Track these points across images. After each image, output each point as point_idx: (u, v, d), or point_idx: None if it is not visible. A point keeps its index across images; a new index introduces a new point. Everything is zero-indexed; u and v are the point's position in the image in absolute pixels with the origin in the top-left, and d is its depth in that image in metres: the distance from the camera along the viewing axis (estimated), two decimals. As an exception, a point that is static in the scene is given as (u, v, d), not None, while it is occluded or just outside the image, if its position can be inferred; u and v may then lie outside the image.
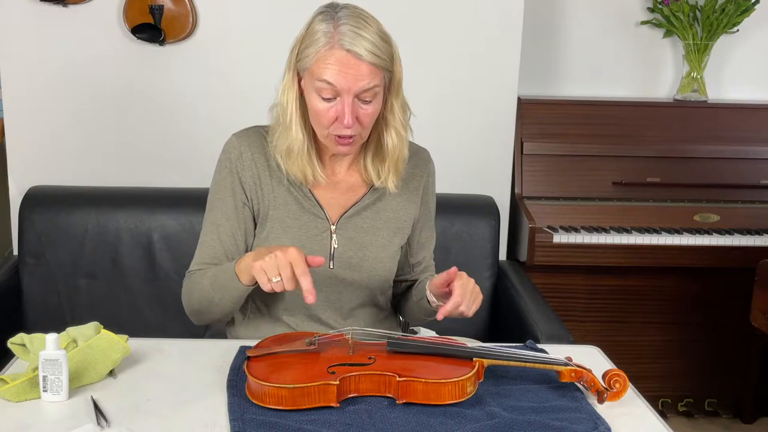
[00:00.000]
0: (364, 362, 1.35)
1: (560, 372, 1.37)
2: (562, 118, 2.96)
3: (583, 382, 1.37)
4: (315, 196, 1.63)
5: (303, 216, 1.62)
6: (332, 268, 1.63)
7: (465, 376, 1.30)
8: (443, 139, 2.68)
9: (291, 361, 1.36)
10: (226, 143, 1.66)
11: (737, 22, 3.08)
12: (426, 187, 1.74)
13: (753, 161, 2.96)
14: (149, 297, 2.49)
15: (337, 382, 1.27)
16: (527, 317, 2.25)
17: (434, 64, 2.67)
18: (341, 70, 1.46)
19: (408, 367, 1.33)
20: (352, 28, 1.46)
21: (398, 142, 1.59)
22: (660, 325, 2.95)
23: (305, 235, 1.62)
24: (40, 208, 2.49)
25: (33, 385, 1.33)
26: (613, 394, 1.36)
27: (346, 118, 1.48)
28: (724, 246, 2.78)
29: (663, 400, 3.00)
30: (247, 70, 2.63)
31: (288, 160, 1.59)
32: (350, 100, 1.48)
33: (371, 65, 1.47)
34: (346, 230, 1.64)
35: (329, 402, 1.27)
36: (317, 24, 1.49)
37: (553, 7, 3.17)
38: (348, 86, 1.46)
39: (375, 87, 1.49)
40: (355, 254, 1.64)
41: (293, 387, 1.26)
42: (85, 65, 2.61)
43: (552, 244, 2.74)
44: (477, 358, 1.36)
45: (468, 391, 1.31)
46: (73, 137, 2.65)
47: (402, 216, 1.70)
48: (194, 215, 2.42)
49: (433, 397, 1.29)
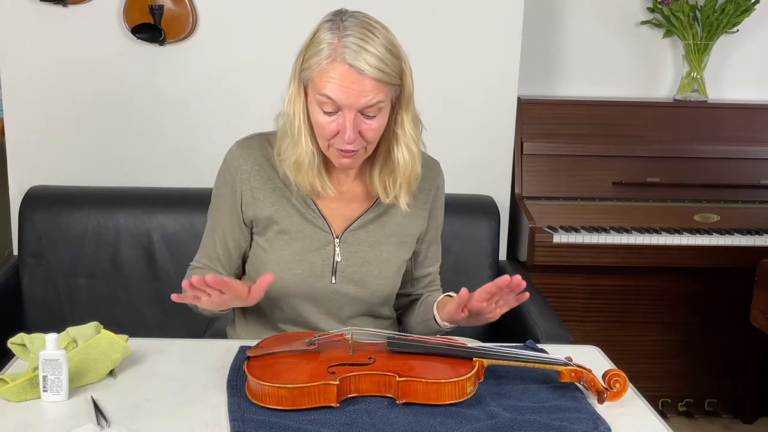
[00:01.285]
0: (364, 362, 1.34)
1: (560, 372, 1.37)
2: (562, 118, 2.96)
3: (583, 382, 1.37)
4: (319, 207, 1.59)
5: (306, 228, 1.59)
6: (334, 283, 1.60)
7: (465, 376, 1.30)
8: (443, 139, 2.65)
9: (291, 361, 1.36)
10: (227, 152, 1.63)
11: (737, 22, 3.08)
12: (435, 200, 1.68)
13: (753, 161, 2.96)
14: (149, 297, 2.49)
15: (337, 382, 1.27)
16: (527, 317, 2.25)
17: (434, 64, 2.67)
18: (342, 85, 1.39)
19: (408, 367, 1.33)
20: (357, 41, 1.39)
21: (410, 159, 1.52)
22: (660, 325, 2.95)
23: (308, 248, 1.58)
24: (40, 208, 2.49)
25: (33, 385, 1.33)
26: (613, 394, 1.36)
27: (347, 133, 1.42)
28: (724, 246, 2.78)
29: (663, 400, 3.00)
30: (246, 70, 2.63)
31: (298, 174, 1.53)
32: (352, 116, 1.42)
33: (375, 81, 1.40)
34: (350, 244, 1.60)
35: (329, 402, 1.27)
36: (323, 33, 1.43)
37: (553, 8, 3.17)
38: (349, 102, 1.40)
39: (379, 103, 1.42)
40: (358, 269, 1.60)
41: (293, 387, 1.26)
42: (85, 65, 2.61)
43: (552, 244, 2.74)
44: (477, 358, 1.36)
45: (468, 391, 1.31)
46: (73, 137, 2.65)
47: (408, 230, 1.65)
48: (194, 215, 2.42)
49: (434, 397, 1.29)
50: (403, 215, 1.63)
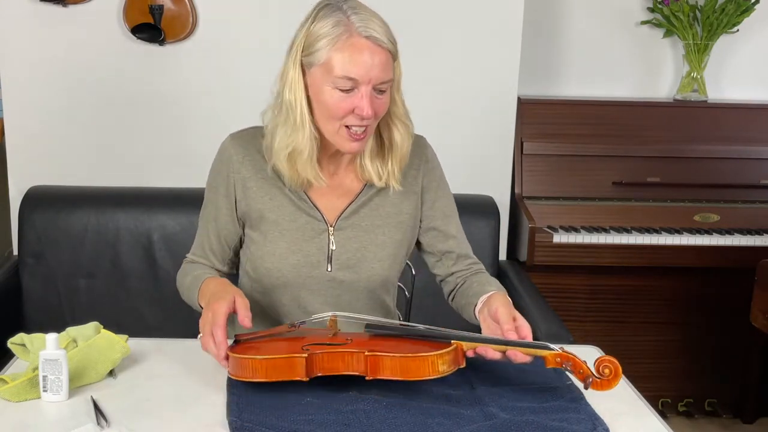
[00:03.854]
0: (342, 342, 1.36)
1: (545, 357, 1.30)
2: (562, 118, 2.96)
3: (569, 367, 1.28)
4: (310, 198, 1.60)
5: (300, 218, 1.60)
6: (330, 271, 1.60)
7: (436, 352, 1.28)
8: (443, 139, 2.65)
9: (272, 342, 1.41)
10: (221, 144, 1.65)
11: (737, 22, 3.08)
12: (427, 173, 1.68)
13: (753, 161, 2.96)
14: (149, 297, 2.49)
15: (305, 355, 1.29)
16: (527, 317, 2.23)
17: (434, 64, 2.67)
18: (363, 58, 1.42)
19: (381, 345, 1.33)
20: (366, 17, 1.44)
21: (406, 135, 1.57)
22: (660, 325, 2.95)
23: (302, 238, 1.59)
24: (40, 208, 2.49)
25: (33, 385, 1.33)
26: (600, 382, 1.26)
27: (365, 109, 1.44)
28: (724, 246, 2.78)
29: (663, 400, 3.00)
30: (247, 70, 2.63)
31: (293, 165, 1.54)
32: (369, 90, 1.44)
33: (389, 53, 1.45)
34: (344, 231, 1.61)
35: (298, 376, 1.29)
36: (325, 15, 1.46)
37: (553, 7, 3.17)
38: (370, 76, 1.43)
39: (390, 80, 1.47)
40: (353, 255, 1.61)
41: (262, 358, 1.31)
42: (85, 65, 2.61)
43: (552, 244, 2.74)
44: (456, 340, 1.33)
45: (441, 370, 1.28)
46: (73, 137, 2.65)
47: (402, 210, 1.64)
48: (194, 215, 2.39)
49: (402, 371, 1.27)
50: (394, 195, 1.63)
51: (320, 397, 1.31)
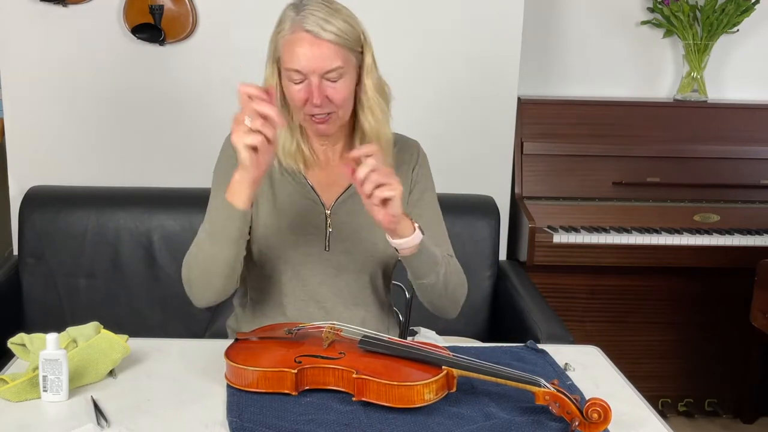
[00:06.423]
0: (334, 356, 1.36)
1: (535, 393, 1.26)
2: (562, 118, 2.96)
3: (557, 407, 1.24)
4: (309, 181, 1.66)
5: (299, 201, 1.65)
6: (328, 251, 1.65)
7: (421, 382, 1.27)
8: (443, 139, 2.68)
9: (268, 348, 1.41)
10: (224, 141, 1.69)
11: (737, 22, 3.08)
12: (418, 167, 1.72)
13: (753, 161, 2.96)
14: (149, 297, 2.49)
15: (295, 371, 1.30)
16: (527, 317, 2.25)
17: (434, 63, 2.67)
18: (303, 51, 1.51)
19: (372, 366, 1.32)
20: (315, 12, 1.52)
21: (374, 123, 1.61)
22: (660, 325, 2.95)
23: (301, 221, 1.65)
24: (40, 208, 2.49)
25: (33, 385, 1.33)
26: (588, 425, 1.21)
27: (315, 97, 1.52)
28: (724, 246, 2.78)
29: (663, 400, 3.00)
30: (246, 70, 2.62)
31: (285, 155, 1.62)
32: (317, 81, 1.51)
33: (333, 45, 1.51)
34: (340, 214, 1.66)
35: (286, 389, 1.31)
36: (283, 17, 1.58)
37: (553, 7, 3.17)
38: (311, 67, 1.51)
39: (339, 68, 1.52)
40: (349, 237, 1.66)
41: (254, 370, 1.32)
42: (85, 65, 2.61)
43: (552, 244, 2.74)
44: (447, 366, 1.31)
45: (427, 398, 1.27)
46: (73, 137, 2.65)
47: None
48: (194, 215, 2.41)
49: (385, 398, 1.27)
50: None
51: (320, 397, 1.31)
